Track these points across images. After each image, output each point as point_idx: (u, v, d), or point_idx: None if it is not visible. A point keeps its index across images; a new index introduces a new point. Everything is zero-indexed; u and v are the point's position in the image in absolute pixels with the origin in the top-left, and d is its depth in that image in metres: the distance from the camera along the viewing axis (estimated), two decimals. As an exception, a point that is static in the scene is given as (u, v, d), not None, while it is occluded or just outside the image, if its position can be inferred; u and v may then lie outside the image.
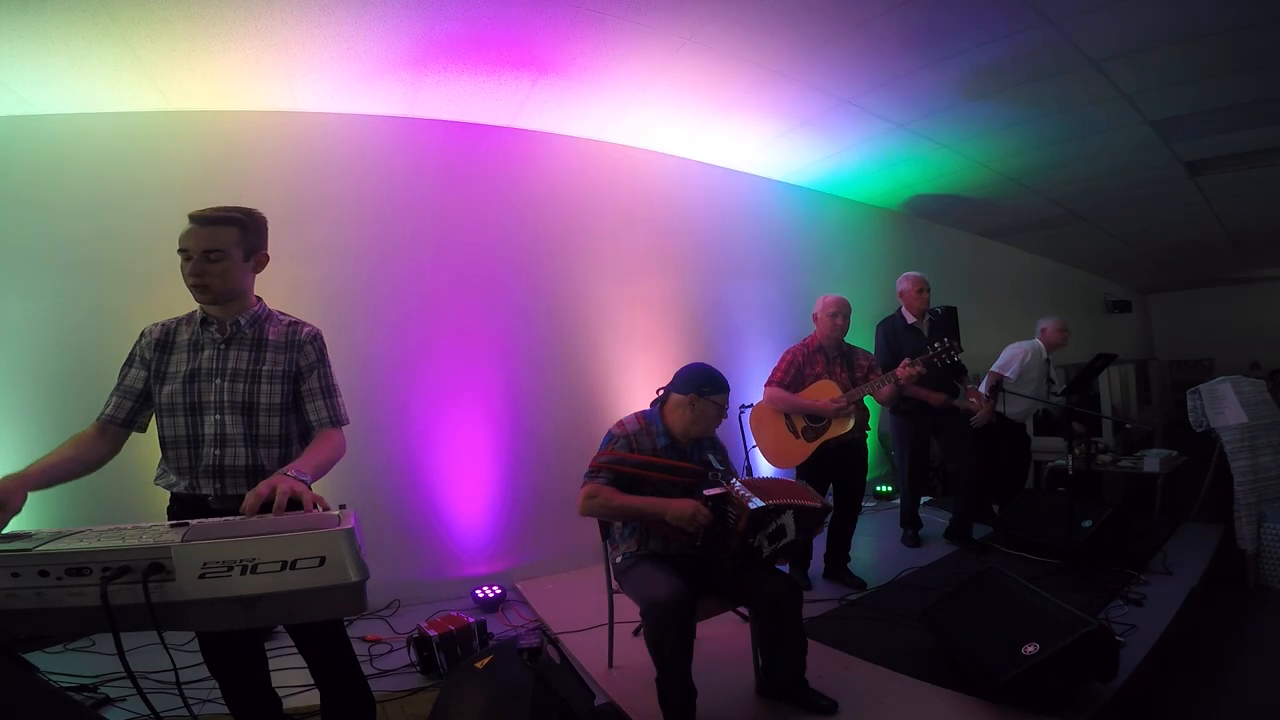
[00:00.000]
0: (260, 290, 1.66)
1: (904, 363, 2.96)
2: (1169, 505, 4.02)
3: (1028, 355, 4.03)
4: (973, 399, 3.69)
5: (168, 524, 1.12)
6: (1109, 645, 1.95)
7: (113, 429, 1.53)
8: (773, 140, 4.24)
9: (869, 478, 3.65)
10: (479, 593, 3.11)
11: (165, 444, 1.54)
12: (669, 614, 1.84)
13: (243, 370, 1.55)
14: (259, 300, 1.64)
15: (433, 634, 2.39)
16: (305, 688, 1.74)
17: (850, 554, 3.27)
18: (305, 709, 1.93)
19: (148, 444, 1.58)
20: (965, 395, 3.68)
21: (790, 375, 3.13)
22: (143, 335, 1.59)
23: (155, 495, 1.61)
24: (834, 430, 3.01)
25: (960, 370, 3.69)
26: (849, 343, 3.23)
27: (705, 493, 1.98)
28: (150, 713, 0.99)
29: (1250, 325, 10.88)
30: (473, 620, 2.51)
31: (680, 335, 4.26)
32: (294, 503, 1.21)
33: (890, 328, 3.71)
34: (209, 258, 1.49)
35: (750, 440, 3.47)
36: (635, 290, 4.11)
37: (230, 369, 1.54)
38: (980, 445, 3.73)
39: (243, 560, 0.95)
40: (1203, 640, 2.70)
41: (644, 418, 2.21)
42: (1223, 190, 5.45)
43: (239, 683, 1.62)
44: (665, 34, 2.87)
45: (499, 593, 3.13)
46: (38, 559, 0.93)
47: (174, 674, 1.10)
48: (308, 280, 3.09)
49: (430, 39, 2.77)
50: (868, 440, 3.27)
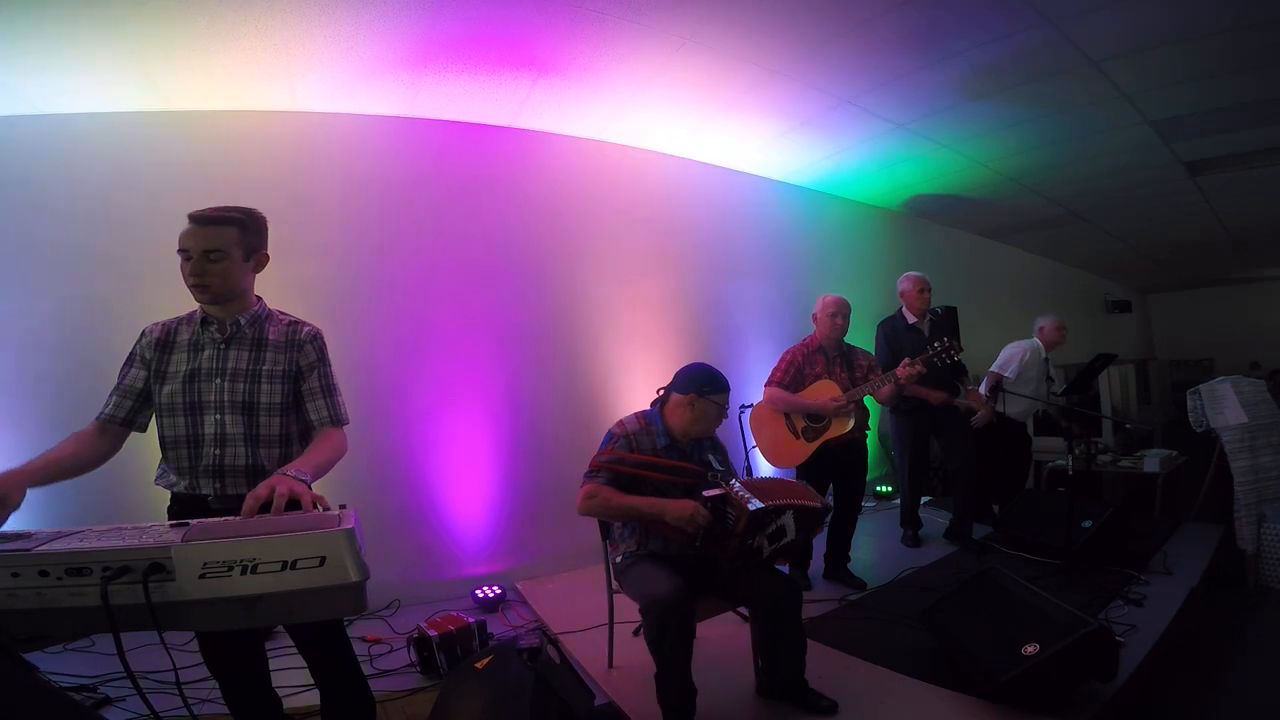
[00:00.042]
0: (260, 290, 1.65)
1: (904, 362, 2.96)
2: (1169, 505, 4.02)
3: (1026, 354, 4.03)
4: (973, 399, 3.69)
5: (168, 524, 1.12)
6: (1109, 645, 1.96)
7: (112, 428, 1.53)
8: (773, 140, 4.24)
9: (869, 478, 3.65)
10: (479, 593, 3.11)
11: (165, 444, 1.54)
12: (669, 612, 1.84)
13: (243, 370, 1.55)
14: (259, 300, 1.64)
15: (433, 634, 2.40)
16: (305, 688, 1.74)
17: (850, 554, 3.27)
18: (305, 709, 1.93)
19: (148, 444, 1.58)
20: (966, 395, 3.68)
21: (790, 375, 3.13)
22: (143, 335, 1.59)
23: (155, 495, 1.61)
24: (834, 430, 3.01)
25: (961, 370, 3.69)
26: (849, 343, 3.23)
27: (704, 493, 1.98)
28: (150, 713, 0.99)
29: (1250, 325, 10.88)
30: (473, 620, 2.51)
31: (680, 335, 4.26)
32: (294, 503, 1.21)
33: (891, 328, 3.71)
34: (209, 258, 1.48)
35: (750, 440, 3.47)
36: (635, 290, 4.11)
37: (230, 369, 1.54)
38: (980, 445, 3.73)
39: (243, 560, 0.95)
40: (1203, 640, 2.70)
41: (644, 418, 2.21)
42: (1223, 190, 5.45)
43: (239, 683, 1.62)
44: (665, 34, 2.87)
45: (499, 593, 3.13)
46: (38, 559, 0.92)
47: (174, 674, 1.10)
48: (308, 280, 3.09)
49: (430, 39, 2.77)
50: (868, 440, 3.27)
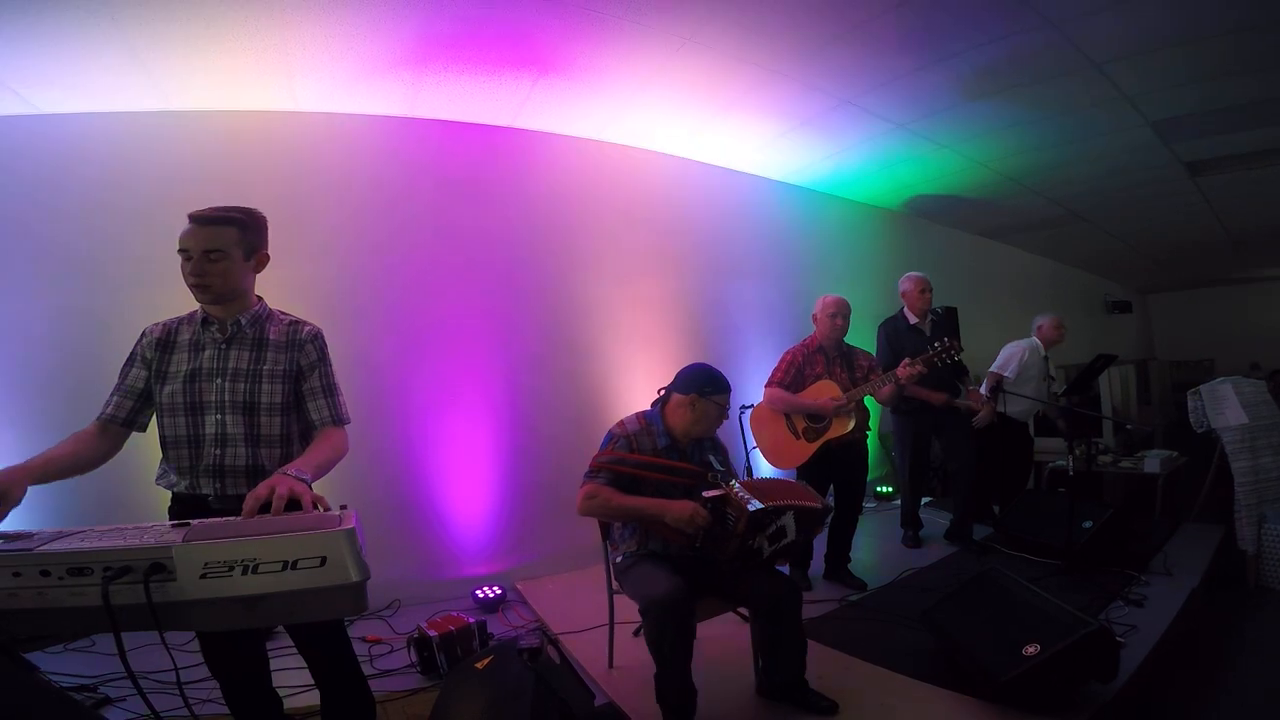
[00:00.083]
0: (261, 289, 1.65)
1: (904, 362, 2.96)
2: (1169, 506, 4.02)
3: (1025, 354, 4.03)
4: (974, 400, 3.69)
5: (169, 524, 1.12)
6: (1109, 646, 1.96)
7: (113, 428, 1.53)
8: (773, 140, 4.24)
9: (869, 478, 3.65)
10: (479, 593, 3.11)
11: (166, 444, 1.54)
12: (668, 612, 1.84)
13: (244, 370, 1.55)
14: (260, 300, 1.64)
15: (433, 634, 2.39)
16: (305, 688, 1.74)
17: (850, 555, 3.27)
18: (305, 709, 1.93)
19: (148, 444, 1.58)
20: (967, 395, 3.68)
21: (790, 376, 3.13)
22: (144, 335, 1.59)
23: (155, 495, 1.61)
24: (834, 430, 3.01)
25: (961, 370, 3.69)
26: (849, 343, 3.23)
27: (704, 494, 1.97)
28: (150, 713, 0.99)
29: (1250, 325, 10.88)
30: (473, 620, 2.51)
31: (680, 335, 4.26)
32: (294, 503, 1.21)
33: (892, 328, 3.71)
34: (209, 257, 1.48)
35: (751, 441, 3.47)
36: (635, 290, 4.11)
37: (231, 368, 1.54)
38: (981, 445, 3.72)
39: (244, 560, 0.95)
40: (1203, 641, 2.69)
41: (645, 418, 2.21)
42: (1223, 191, 5.45)
43: (239, 683, 1.62)
44: (665, 34, 2.87)
45: (499, 593, 3.13)
46: (39, 559, 0.93)
47: (174, 674, 1.10)
48: (308, 279, 3.09)
49: (430, 39, 2.77)
50: (868, 441, 3.27)
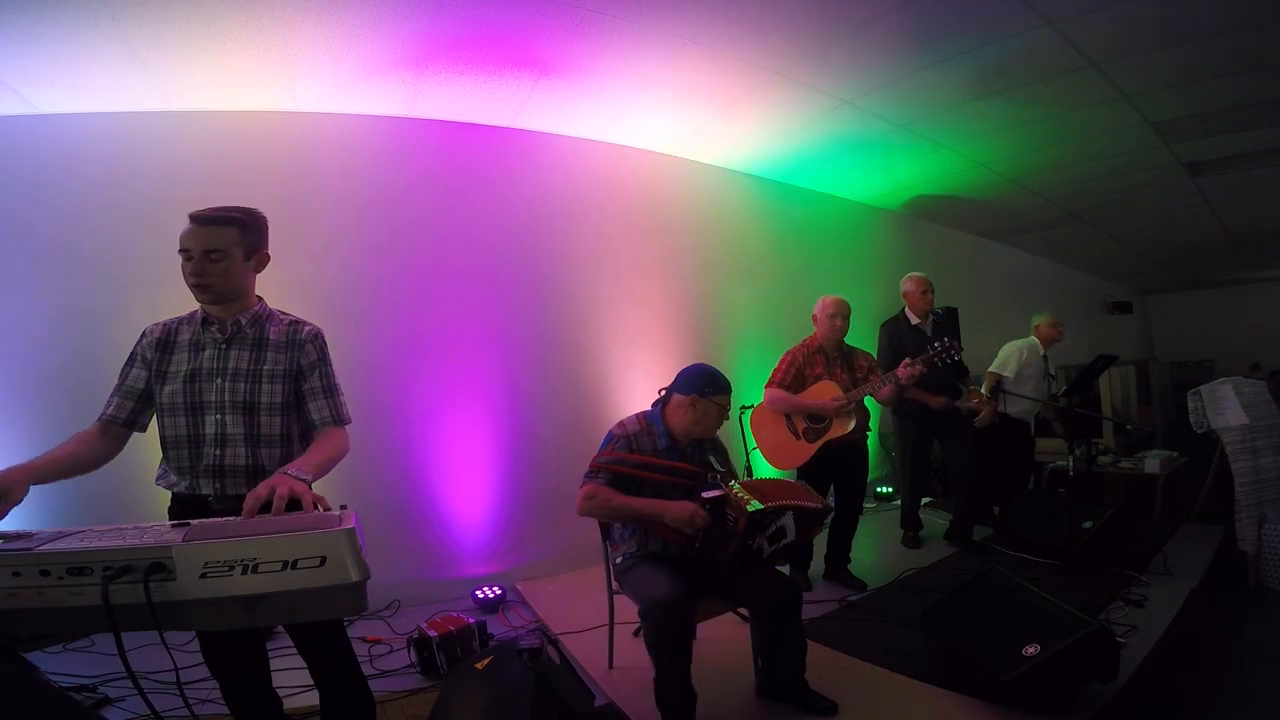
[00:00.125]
0: (261, 290, 1.65)
1: (904, 362, 2.96)
2: (1170, 506, 4.01)
3: (1024, 353, 4.03)
4: (975, 400, 3.69)
5: (169, 524, 1.13)
6: (1109, 646, 1.96)
7: (115, 429, 1.53)
8: (773, 141, 4.24)
9: (869, 479, 3.64)
10: (479, 593, 3.11)
11: (166, 444, 1.54)
12: (668, 614, 1.84)
13: (244, 370, 1.55)
14: (260, 300, 1.64)
15: (433, 634, 2.39)
16: (305, 688, 1.73)
17: (850, 555, 3.27)
18: (305, 709, 1.93)
19: (148, 444, 1.58)
20: (967, 396, 3.68)
21: (791, 376, 3.13)
22: (144, 335, 1.59)
23: (155, 495, 1.61)
24: (835, 431, 3.01)
25: (962, 371, 3.69)
26: (849, 343, 3.23)
27: (703, 495, 1.97)
28: (150, 713, 0.99)
29: (1251, 326, 10.90)
30: (473, 621, 2.51)
31: (680, 335, 4.26)
32: (294, 503, 1.21)
33: (894, 328, 3.71)
34: (210, 257, 1.48)
35: (751, 441, 3.47)
36: (635, 290, 4.11)
37: (231, 369, 1.54)
38: (981, 445, 3.72)
39: (244, 560, 0.95)
40: (1203, 641, 2.69)
41: (645, 418, 2.21)
42: (1223, 191, 5.46)
43: (239, 683, 1.62)
44: (665, 34, 2.87)
45: (499, 593, 3.13)
46: (39, 558, 0.93)
47: (174, 674, 1.10)
48: (308, 280, 3.09)
49: (430, 39, 2.77)
50: (868, 441, 3.27)
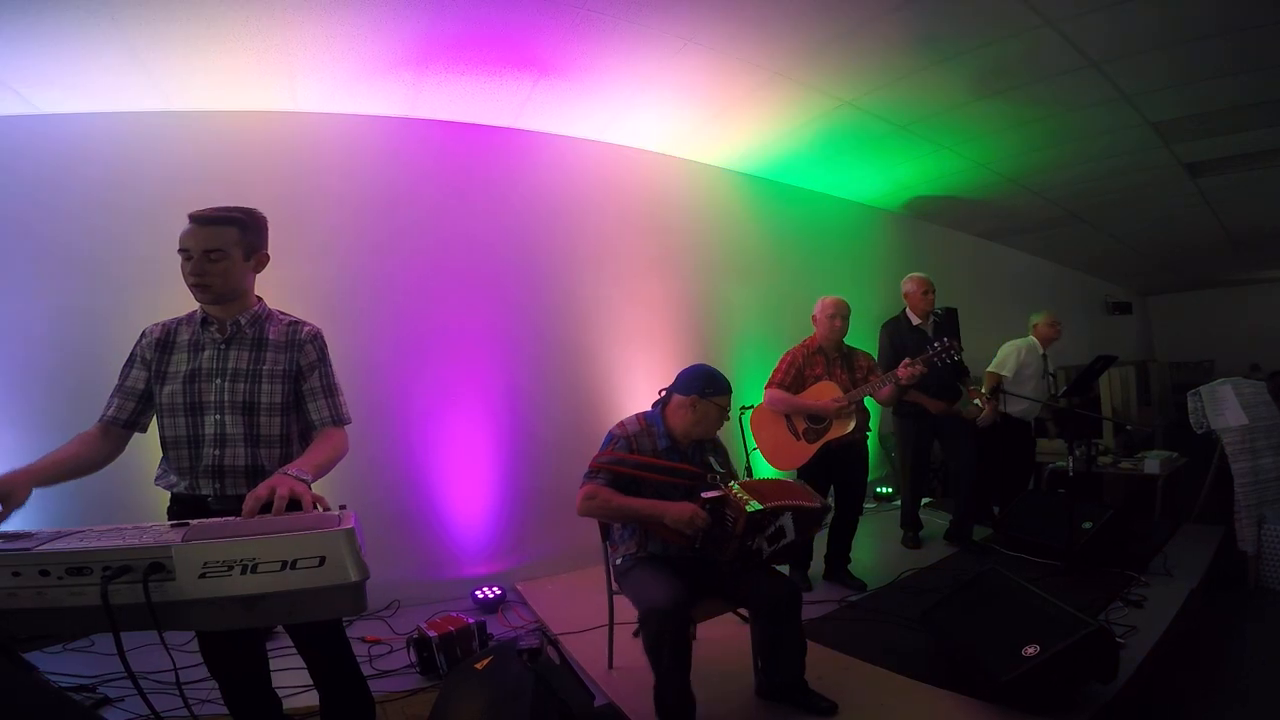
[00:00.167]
0: (261, 290, 1.65)
1: (904, 362, 2.96)
2: (1169, 507, 4.01)
3: (1022, 353, 4.03)
4: (975, 400, 3.69)
5: (168, 524, 1.12)
6: (1109, 646, 1.96)
7: (115, 430, 1.53)
8: (773, 141, 4.24)
9: (869, 479, 3.64)
10: (479, 593, 3.11)
11: (166, 444, 1.54)
12: (667, 621, 1.83)
13: (243, 370, 1.55)
14: (259, 300, 1.64)
15: (432, 635, 2.39)
16: (305, 688, 1.73)
17: (850, 555, 3.27)
18: (305, 709, 1.93)
19: (148, 444, 1.59)
20: (968, 396, 3.68)
21: (790, 377, 3.13)
22: (143, 335, 1.59)
23: (155, 495, 1.61)
24: (835, 431, 3.01)
25: (962, 371, 3.69)
26: (848, 344, 3.23)
27: (703, 495, 1.97)
28: (150, 713, 0.99)
29: (1251, 326, 10.89)
30: (472, 621, 2.51)
31: (680, 335, 4.26)
32: (294, 503, 1.21)
33: (895, 329, 3.71)
34: (209, 257, 1.48)
35: (751, 442, 3.46)
36: (635, 290, 4.11)
37: (231, 369, 1.54)
38: (982, 445, 3.72)
39: (243, 560, 0.95)
40: (1203, 642, 2.69)
41: (645, 419, 2.21)
42: (1223, 191, 5.45)
43: (239, 683, 1.62)
44: (665, 35, 2.87)
45: (499, 593, 3.13)
46: (38, 558, 0.93)
47: (174, 674, 1.10)
48: (308, 280, 3.09)
49: (431, 39, 2.77)
50: (868, 442, 3.27)
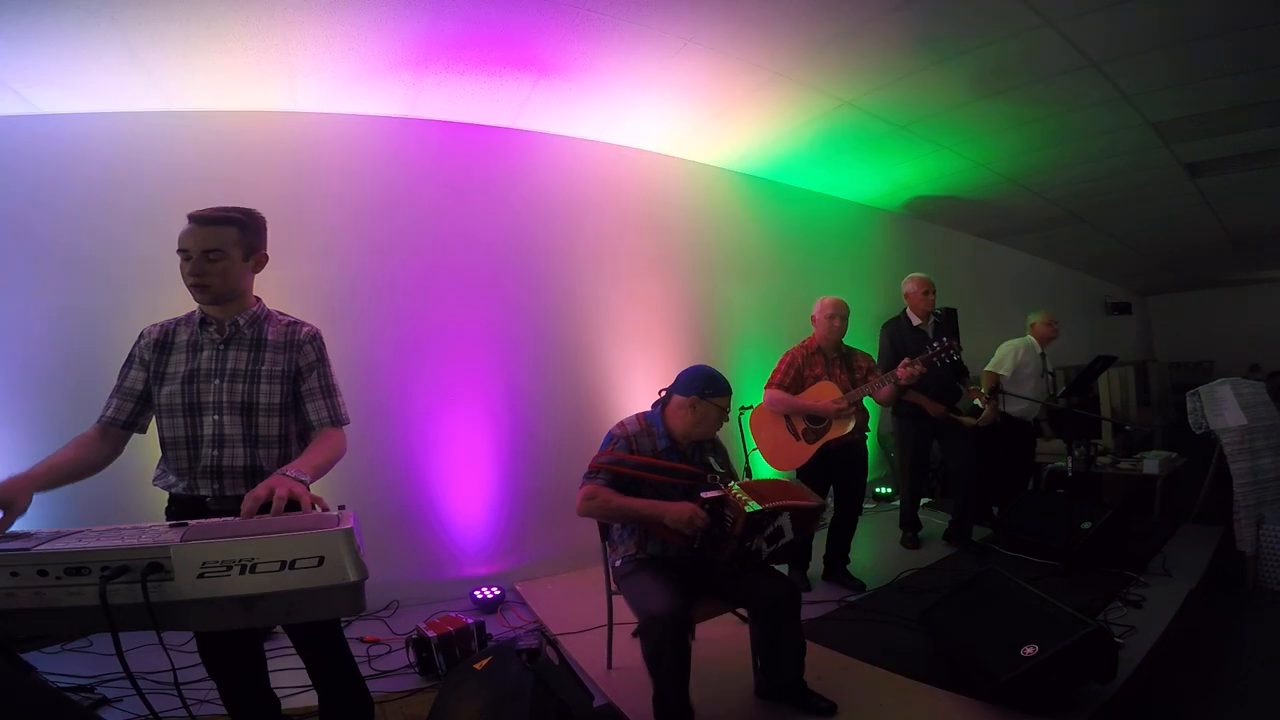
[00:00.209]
0: (260, 290, 1.65)
1: (904, 362, 2.96)
2: (1168, 507, 4.01)
3: (1020, 352, 4.03)
4: (975, 400, 3.69)
5: (166, 524, 1.12)
6: (1108, 647, 1.96)
7: (114, 431, 1.53)
8: (772, 141, 4.24)
9: (869, 479, 3.65)
10: (478, 594, 3.11)
11: (164, 444, 1.54)
12: (666, 629, 1.83)
13: (242, 370, 1.55)
14: (258, 300, 1.64)
15: (431, 635, 2.39)
16: (304, 688, 1.74)
17: (850, 555, 3.27)
18: (304, 710, 1.93)
19: (147, 444, 1.59)
20: (968, 397, 3.68)
21: (790, 377, 3.13)
22: (141, 336, 1.59)
23: (154, 495, 1.61)
24: (834, 432, 3.01)
25: (962, 371, 3.69)
26: (848, 344, 3.23)
27: (702, 495, 1.97)
28: (149, 713, 0.99)
29: (1250, 326, 10.89)
30: (471, 621, 2.51)
31: (680, 335, 4.26)
32: (293, 503, 1.21)
33: (895, 329, 3.71)
34: (208, 257, 1.48)
35: (750, 442, 3.46)
36: (635, 290, 4.11)
37: (229, 369, 1.54)
38: (981, 445, 3.72)
39: (242, 560, 0.95)
40: (1202, 642, 2.69)
41: (645, 419, 2.21)
42: (1223, 191, 5.45)
43: (237, 683, 1.62)
44: (665, 35, 2.87)
45: (498, 594, 3.13)
46: (36, 558, 0.93)
47: (172, 674, 1.10)
48: (308, 280, 3.09)
49: (430, 39, 2.77)
50: (868, 442, 3.27)
